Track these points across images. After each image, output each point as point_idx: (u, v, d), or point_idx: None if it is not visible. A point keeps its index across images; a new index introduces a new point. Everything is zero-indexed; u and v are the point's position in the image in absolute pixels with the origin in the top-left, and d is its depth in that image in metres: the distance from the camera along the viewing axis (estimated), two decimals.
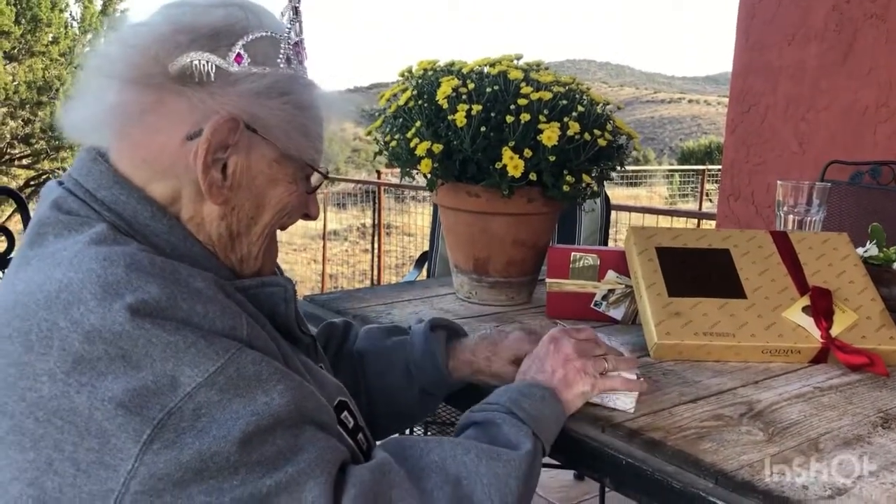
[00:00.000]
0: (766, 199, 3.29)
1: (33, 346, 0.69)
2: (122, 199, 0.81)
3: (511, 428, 0.89)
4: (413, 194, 8.52)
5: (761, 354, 1.20)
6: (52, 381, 0.67)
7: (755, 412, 1.01)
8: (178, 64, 0.81)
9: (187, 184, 0.83)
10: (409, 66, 1.52)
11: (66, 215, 0.80)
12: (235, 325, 0.75)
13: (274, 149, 0.86)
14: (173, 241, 0.82)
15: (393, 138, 1.43)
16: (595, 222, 2.47)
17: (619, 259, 1.38)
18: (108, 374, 0.67)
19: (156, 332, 0.69)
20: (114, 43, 0.85)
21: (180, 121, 0.81)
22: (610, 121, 1.43)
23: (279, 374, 0.74)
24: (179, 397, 0.67)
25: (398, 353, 1.15)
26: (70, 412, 0.66)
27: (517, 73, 1.37)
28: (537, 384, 0.96)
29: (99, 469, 0.66)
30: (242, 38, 0.84)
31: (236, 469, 0.68)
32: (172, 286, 0.72)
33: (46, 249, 0.77)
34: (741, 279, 1.29)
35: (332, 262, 8.71)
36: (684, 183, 14.39)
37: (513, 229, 1.43)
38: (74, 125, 0.86)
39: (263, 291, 0.88)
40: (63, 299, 0.70)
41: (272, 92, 0.84)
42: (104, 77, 0.83)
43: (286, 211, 0.90)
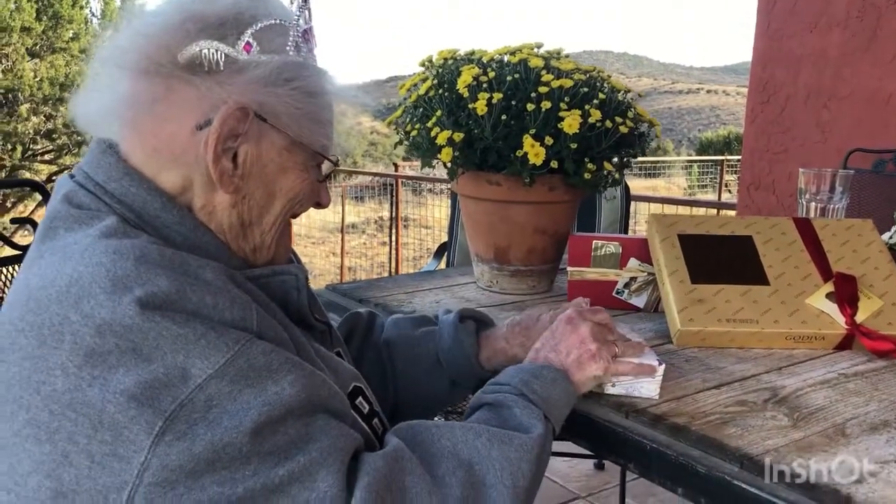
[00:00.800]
0: (787, 188, 3.27)
1: (46, 339, 0.70)
2: (132, 191, 0.82)
3: (523, 410, 0.89)
4: (430, 187, 8.52)
5: (785, 341, 1.19)
6: (64, 374, 0.68)
7: (779, 398, 1.01)
8: (187, 53, 0.81)
9: (198, 173, 0.83)
10: (429, 56, 1.52)
11: (77, 209, 0.81)
12: (245, 316, 0.75)
13: (284, 137, 0.86)
14: (184, 231, 0.82)
15: (413, 128, 1.43)
16: (615, 211, 2.46)
17: (642, 247, 1.37)
18: (119, 366, 0.68)
19: (166, 325, 0.69)
20: (124, 33, 0.85)
21: (190, 110, 0.82)
22: (631, 108, 1.43)
23: (290, 363, 0.75)
24: (191, 389, 0.68)
25: (427, 343, 1.14)
26: (83, 405, 0.67)
27: (538, 62, 1.37)
28: (549, 365, 0.96)
29: (113, 461, 0.67)
30: (251, 26, 0.84)
31: (248, 459, 0.69)
32: (182, 278, 0.73)
33: (58, 243, 0.78)
34: (764, 266, 1.28)
35: (350, 255, 8.74)
36: (703, 174, 14.28)
37: (534, 217, 1.43)
38: (86, 116, 0.86)
39: (275, 280, 0.88)
40: (74, 293, 0.70)
41: (280, 79, 0.84)
42: (115, 67, 0.84)
43: (298, 199, 0.90)
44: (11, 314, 0.74)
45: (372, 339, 1.19)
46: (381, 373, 1.16)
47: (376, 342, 1.18)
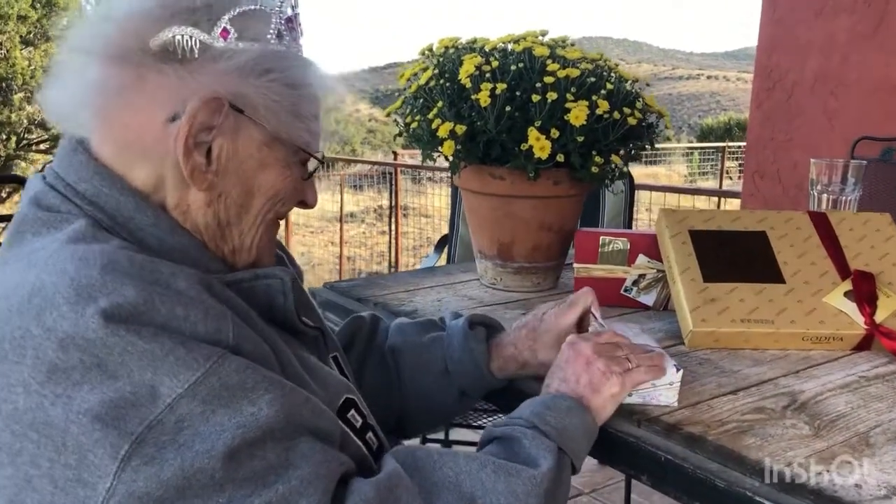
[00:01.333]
0: (792, 176, 3.21)
1: (7, 354, 0.65)
2: (105, 192, 0.76)
3: (532, 442, 0.83)
4: (430, 175, 8.46)
5: (802, 342, 1.15)
6: (26, 391, 0.63)
7: (799, 404, 0.96)
8: (159, 39, 0.75)
9: (170, 168, 0.78)
10: (429, 44, 1.47)
11: (46, 212, 0.76)
12: (220, 328, 0.69)
13: (263, 131, 0.80)
14: (159, 233, 0.77)
15: (414, 119, 1.38)
16: (620, 203, 2.41)
17: (650, 243, 1.32)
18: (83, 383, 0.63)
19: (131, 340, 0.64)
20: (93, 18, 0.81)
21: (161, 101, 0.76)
22: (639, 98, 1.37)
23: (267, 381, 0.69)
24: (160, 409, 0.63)
25: (435, 351, 1.09)
26: (46, 425, 0.63)
27: (543, 50, 1.32)
28: (562, 395, 0.90)
29: (77, 487, 0.62)
30: (229, 11, 0.78)
31: (222, 486, 0.64)
32: (150, 287, 0.67)
33: (24, 249, 0.73)
34: (779, 263, 1.23)
35: (349, 245, 8.69)
36: (704, 160, 14.21)
37: (538, 213, 1.38)
38: (55, 106, 0.81)
39: (259, 284, 0.82)
40: (36, 304, 0.66)
41: (258, 69, 0.78)
42: (83, 54, 0.78)
43: (279, 198, 0.84)
44: None
45: (375, 344, 1.13)
46: (387, 380, 1.10)
47: (380, 347, 1.13)
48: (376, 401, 0.99)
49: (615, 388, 0.90)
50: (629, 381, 0.91)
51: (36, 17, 8.07)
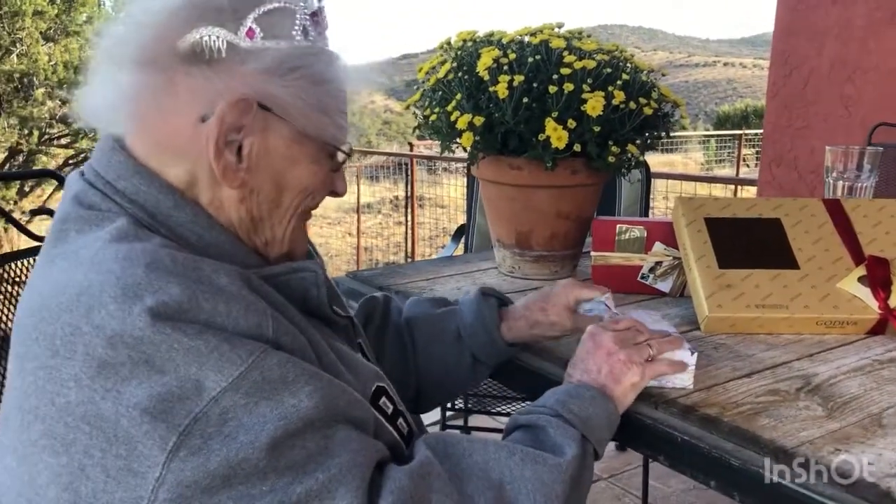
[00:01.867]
0: (809, 164, 3.21)
1: (58, 350, 0.68)
2: (143, 189, 0.79)
3: (557, 430, 0.86)
4: (445, 166, 8.47)
5: (816, 326, 1.17)
6: (78, 386, 0.66)
7: (812, 386, 0.98)
8: (187, 41, 0.77)
9: (203, 167, 0.80)
10: (447, 38, 1.49)
11: (87, 210, 0.78)
12: (261, 323, 0.72)
13: (291, 128, 0.82)
14: (197, 230, 0.80)
15: (433, 112, 1.41)
16: (636, 191, 2.43)
17: (667, 230, 1.35)
18: (132, 379, 0.66)
19: (177, 337, 0.67)
20: (123, 22, 0.82)
21: (191, 102, 0.78)
22: (655, 88, 1.39)
23: (307, 374, 0.72)
24: (205, 402, 0.66)
25: (448, 320, 1.14)
26: (97, 418, 0.66)
27: (559, 42, 1.34)
28: (584, 385, 0.92)
29: (128, 476, 0.65)
30: (254, 10, 0.80)
31: (265, 475, 0.67)
32: (194, 285, 0.70)
33: (69, 247, 0.76)
34: (794, 249, 1.25)
35: (366, 235, 8.73)
36: (721, 148, 14.14)
37: (556, 202, 1.41)
38: (91, 111, 0.83)
39: (294, 277, 0.85)
40: (84, 303, 0.68)
41: (284, 67, 0.80)
42: (115, 60, 0.80)
43: (309, 191, 0.87)
44: (26, 321, 0.72)
45: (390, 320, 1.18)
46: (403, 353, 1.15)
47: (395, 323, 1.17)
48: (394, 375, 1.02)
49: (636, 378, 0.93)
50: (649, 372, 0.94)
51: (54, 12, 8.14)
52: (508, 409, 2.61)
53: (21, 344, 0.72)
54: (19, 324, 0.74)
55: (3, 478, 0.72)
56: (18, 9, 7.78)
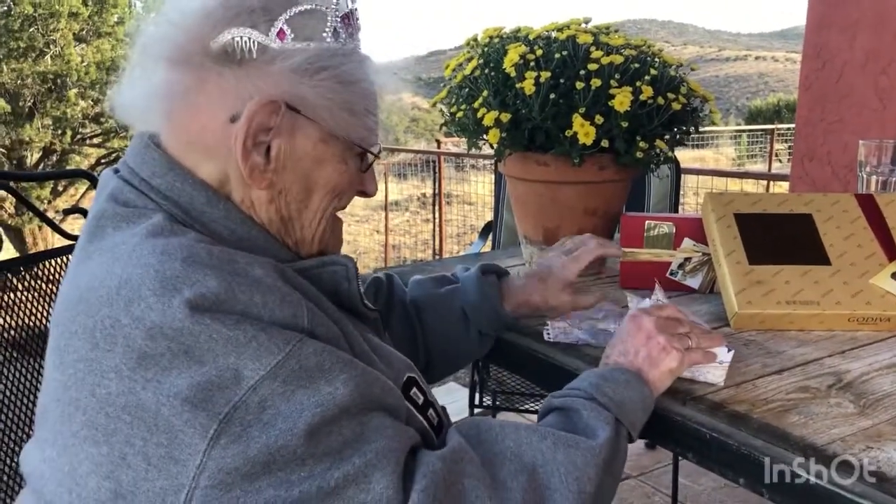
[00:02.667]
0: (842, 159, 3.16)
1: (98, 342, 0.70)
2: (178, 186, 0.80)
3: (591, 413, 0.86)
4: (473, 163, 8.47)
5: (847, 323, 1.15)
6: (118, 377, 0.68)
7: (844, 383, 0.97)
8: (219, 42, 0.79)
9: (233, 167, 0.81)
10: (474, 35, 1.49)
11: (123, 207, 0.80)
12: (296, 314, 0.74)
13: (319, 128, 0.83)
14: (231, 225, 0.81)
15: (459, 109, 1.41)
16: (665, 187, 2.41)
17: (696, 226, 1.34)
18: (172, 369, 0.67)
19: (216, 328, 0.68)
20: (158, 21, 0.84)
21: (221, 102, 0.80)
22: (684, 83, 1.38)
23: (342, 362, 0.73)
24: (244, 391, 0.67)
25: (453, 300, 1.17)
26: (138, 408, 0.67)
27: (586, 38, 1.33)
28: (620, 367, 0.93)
29: (169, 464, 0.67)
30: (286, 12, 0.81)
31: (303, 461, 0.68)
32: (230, 277, 0.72)
33: (106, 243, 0.77)
34: (825, 245, 1.23)
35: (394, 233, 8.76)
36: (752, 143, 13.95)
37: (583, 198, 1.40)
38: (125, 108, 0.85)
39: (326, 271, 0.87)
40: (124, 296, 0.70)
41: (313, 67, 0.81)
42: (149, 58, 0.82)
43: (337, 192, 0.88)
44: (65, 315, 0.74)
45: (395, 299, 1.20)
46: (411, 331, 1.18)
47: (401, 301, 1.20)
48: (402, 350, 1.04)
49: (673, 364, 0.93)
50: (687, 360, 0.94)
51: (87, 13, 8.26)
52: (536, 406, 2.60)
53: (60, 337, 0.74)
54: (58, 318, 0.76)
55: (43, 468, 0.74)
56: (55, 10, 7.90)
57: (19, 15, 7.79)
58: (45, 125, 8.44)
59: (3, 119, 8.32)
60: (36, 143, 8.46)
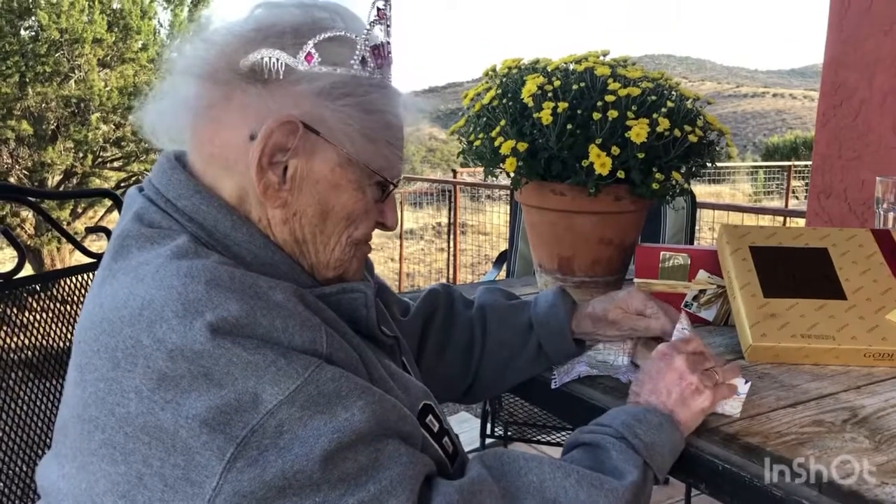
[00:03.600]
0: (860, 195, 3.15)
1: (119, 362, 0.70)
2: (203, 209, 0.82)
3: (620, 454, 0.85)
4: (488, 193, 8.50)
5: (863, 358, 1.14)
6: (138, 397, 0.69)
7: (859, 419, 0.97)
8: (248, 60, 0.80)
9: (251, 184, 0.82)
10: (493, 65, 1.51)
11: (148, 227, 0.81)
12: (315, 339, 0.74)
13: (337, 153, 0.84)
14: (253, 249, 0.82)
15: (477, 137, 1.42)
16: (681, 220, 2.41)
17: (711, 258, 1.34)
18: (191, 391, 0.68)
19: (236, 351, 0.69)
20: (193, 41, 0.86)
21: (242, 118, 0.81)
22: (700, 116, 1.39)
23: (360, 388, 0.74)
24: (261, 415, 0.68)
25: (522, 310, 1.19)
26: (156, 429, 0.68)
27: (604, 70, 1.35)
28: (653, 409, 0.91)
29: (185, 486, 0.67)
30: (315, 36, 0.82)
31: (318, 487, 0.68)
32: (252, 301, 0.72)
33: (130, 262, 0.78)
34: (841, 279, 1.23)
35: (408, 261, 8.78)
36: (769, 180, 13.93)
37: (599, 228, 1.41)
38: (152, 119, 0.86)
39: (344, 297, 0.87)
40: (146, 317, 0.71)
41: (335, 92, 0.82)
42: (179, 74, 0.84)
43: (352, 219, 0.88)
44: (87, 333, 0.75)
45: (455, 310, 1.22)
46: (470, 338, 1.20)
47: (461, 312, 1.22)
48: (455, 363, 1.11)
49: (706, 404, 0.92)
50: (717, 396, 0.94)
51: (112, 40, 8.39)
52: (548, 438, 2.59)
53: (82, 355, 0.74)
54: (80, 336, 0.76)
55: (61, 485, 0.75)
56: (80, 36, 8.05)
57: (46, 40, 7.94)
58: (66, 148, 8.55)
59: (27, 141, 8.45)
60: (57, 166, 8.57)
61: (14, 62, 8.04)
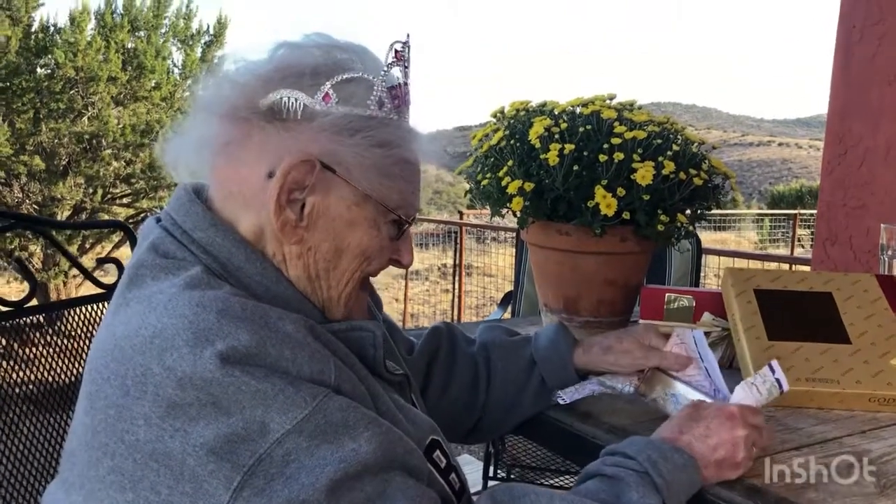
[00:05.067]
0: (865, 243, 3.15)
1: (129, 389, 0.71)
2: (218, 241, 0.83)
3: (639, 490, 0.83)
4: (494, 235, 8.54)
5: (868, 403, 1.14)
6: (147, 425, 0.69)
7: (864, 463, 0.96)
8: (268, 100, 0.82)
9: (268, 220, 0.84)
10: (501, 107, 1.54)
11: (163, 258, 0.82)
12: (324, 370, 0.75)
13: (353, 190, 0.85)
14: (265, 282, 0.83)
15: (484, 177, 1.44)
16: (686, 263, 2.42)
17: (716, 301, 1.34)
18: (199, 419, 0.68)
19: (245, 380, 0.69)
20: (217, 80, 0.88)
21: (262, 156, 0.82)
22: (706, 160, 1.41)
23: (367, 419, 0.74)
24: (269, 444, 0.68)
25: (524, 347, 1.20)
26: (165, 456, 0.68)
27: (610, 113, 1.37)
28: (681, 450, 0.88)
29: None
30: (333, 77, 0.84)
31: None
32: (262, 331, 0.73)
33: (144, 292, 0.79)
34: (845, 324, 1.24)
35: (413, 302, 8.77)
36: (775, 227, 13.96)
37: (604, 268, 1.42)
38: (174, 157, 0.88)
39: (353, 335, 0.88)
40: (157, 345, 0.71)
41: (351, 128, 0.83)
42: (202, 112, 0.86)
43: (366, 255, 0.88)
44: (99, 361, 0.76)
45: (458, 348, 1.23)
46: (474, 376, 1.20)
47: (464, 350, 1.22)
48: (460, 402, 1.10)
49: (733, 476, 0.91)
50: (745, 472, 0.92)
51: (126, 78, 8.53)
52: (552, 481, 2.56)
53: (92, 383, 0.75)
54: (92, 363, 0.77)
55: None
56: (95, 74, 8.18)
57: (61, 77, 8.07)
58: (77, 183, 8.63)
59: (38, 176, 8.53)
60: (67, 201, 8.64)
61: (29, 99, 8.16)
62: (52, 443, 1.38)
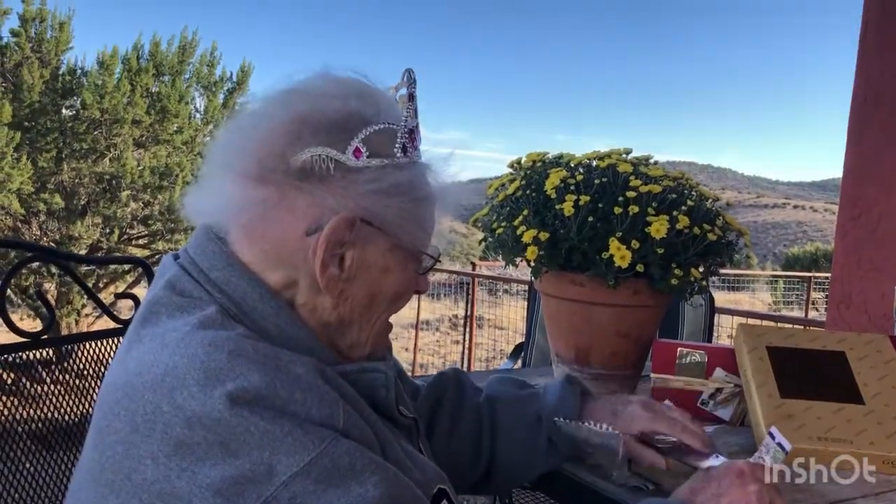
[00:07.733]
0: (879, 307, 3.13)
1: (138, 427, 0.71)
2: (234, 281, 0.83)
3: None
4: (506, 287, 8.52)
5: (882, 465, 1.13)
6: (154, 463, 0.69)
7: None
8: (299, 159, 0.82)
9: (304, 275, 0.84)
10: (518, 158, 1.56)
11: (179, 296, 0.83)
12: (332, 413, 0.75)
13: (388, 239, 0.86)
14: (280, 324, 0.83)
15: (500, 226, 1.46)
16: (699, 320, 2.41)
17: (728, 357, 1.34)
18: (206, 459, 0.68)
19: (254, 421, 0.69)
20: (236, 135, 0.87)
21: (300, 216, 0.83)
22: (720, 216, 1.42)
23: (374, 464, 0.74)
24: (275, 486, 0.68)
25: (531, 402, 1.17)
26: (171, 496, 0.68)
27: (626, 167, 1.39)
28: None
29: None
30: (361, 131, 0.84)
31: None
32: (273, 373, 0.73)
33: (158, 329, 0.79)
34: (859, 384, 1.23)
35: (423, 352, 8.73)
36: (789, 290, 13.86)
37: (617, 320, 1.42)
38: (198, 212, 0.88)
39: (364, 377, 0.88)
40: (168, 383, 0.71)
41: (386, 184, 0.85)
42: (227, 170, 0.85)
43: (398, 296, 0.91)
44: (109, 396, 0.76)
45: (465, 398, 1.20)
46: (477, 430, 1.17)
47: (471, 401, 1.20)
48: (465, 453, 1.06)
49: None
50: None
51: (149, 121, 8.67)
52: None
53: (102, 418, 0.75)
54: (102, 399, 0.77)
55: None
56: (120, 116, 8.33)
57: (86, 119, 8.22)
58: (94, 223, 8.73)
59: (57, 214, 8.64)
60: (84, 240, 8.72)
61: (52, 139, 8.30)
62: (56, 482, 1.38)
